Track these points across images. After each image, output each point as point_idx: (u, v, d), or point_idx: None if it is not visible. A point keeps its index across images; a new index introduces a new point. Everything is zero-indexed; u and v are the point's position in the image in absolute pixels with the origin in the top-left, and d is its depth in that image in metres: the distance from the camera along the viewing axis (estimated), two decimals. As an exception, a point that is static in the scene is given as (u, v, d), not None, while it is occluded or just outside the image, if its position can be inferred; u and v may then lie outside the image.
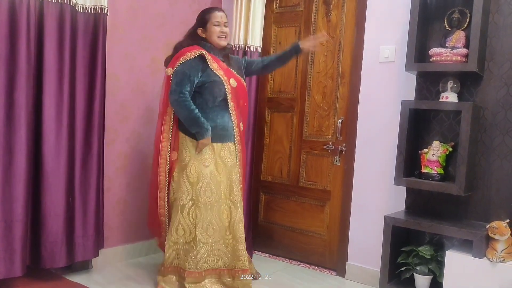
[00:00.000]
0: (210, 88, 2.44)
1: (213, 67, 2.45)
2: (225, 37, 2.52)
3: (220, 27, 2.50)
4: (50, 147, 2.46)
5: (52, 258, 2.48)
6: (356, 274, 2.88)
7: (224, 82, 2.46)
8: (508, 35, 2.35)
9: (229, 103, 2.49)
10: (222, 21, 2.50)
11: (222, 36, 2.50)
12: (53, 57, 2.45)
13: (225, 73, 2.50)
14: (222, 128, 2.49)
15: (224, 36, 2.51)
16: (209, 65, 2.44)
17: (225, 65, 2.54)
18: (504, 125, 2.37)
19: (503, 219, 2.22)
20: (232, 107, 2.51)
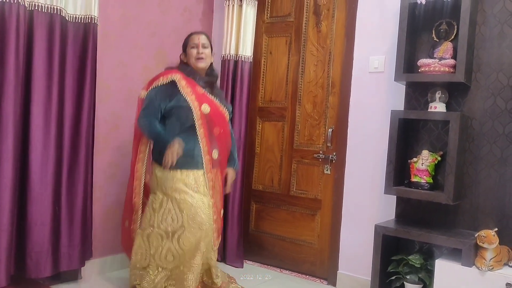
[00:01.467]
0: (176, 114, 2.38)
1: (184, 92, 2.37)
2: (202, 59, 2.45)
3: (196, 49, 2.45)
4: (37, 155, 2.43)
5: (37, 268, 2.44)
6: (347, 283, 2.88)
7: (193, 108, 2.36)
8: (494, 47, 2.40)
9: (198, 129, 2.38)
10: (199, 42, 2.45)
11: (198, 57, 2.45)
12: (42, 66, 2.44)
13: (198, 98, 2.39)
14: (186, 154, 2.35)
15: (201, 57, 2.45)
16: (180, 90, 2.37)
17: (201, 91, 2.44)
18: (491, 135, 2.40)
19: (492, 227, 2.24)
20: (201, 134, 2.38)
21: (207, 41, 2.51)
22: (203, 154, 2.40)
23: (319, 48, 3.11)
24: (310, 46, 3.15)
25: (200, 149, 2.39)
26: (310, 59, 3.15)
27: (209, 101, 2.45)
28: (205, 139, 2.40)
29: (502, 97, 2.38)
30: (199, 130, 2.39)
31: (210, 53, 2.51)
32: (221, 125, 2.49)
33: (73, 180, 2.60)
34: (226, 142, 2.55)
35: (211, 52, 2.54)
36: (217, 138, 2.47)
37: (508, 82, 2.36)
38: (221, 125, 2.49)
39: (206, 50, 2.48)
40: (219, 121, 2.48)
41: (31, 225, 2.43)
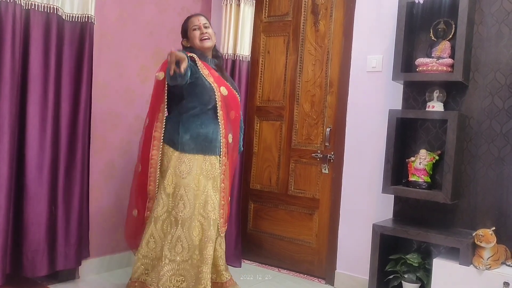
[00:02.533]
0: (199, 94, 2.30)
1: (203, 73, 2.32)
2: (207, 38, 2.38)
3: (199, 30, 2.39)
4: (33, 155, 2.42)
5: (33, 267, 2.44)
6: (345, 282, 2.88)
7: (215, 89, 2.32)
8: (492, 46, 2.40)
9: (218, 111, 2.34)
10: (200, 23, 2.40)
11: (203, 37, 2.37)
12: (38, 65, 2.43)
13: (216, 81, 2.35)
14: (204, 139, 2.33)
15: (206, 37, 2.38)
16: (200, 69, 2.32)
17: (216, 73, 2.42)
18: (489, 134, 2.40)
19: (489, 226, 2.24)
20: (221, 117, 2.35)
21: (207, 21, 2.46)
22: (221, 137, 2.38)
23: (317, 48, 3.11)
24: (308, 46, 3.15)
25: (219, 133, 2.37)
26: (308, 59, 3.15)
27: (225, 84, 2.43)
28: (224, 122, 2.39)
29: (500, 97, 2.38)
30: (219, 112, 2.36)
31: (212, 32, 2.45)
32: (236, 109, 2.50)
33: (70, 180, 2.59)
34: (238, 126, 2.56)
35: None
36: (232, 122, 2.47)
37: (505, 82, 2.36)
38: (236, 109, 2.50)
39: (209, 29, 2.43)
40: (234, 104, 2.47)
41: (27, 224, 2.42)
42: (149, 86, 3.10)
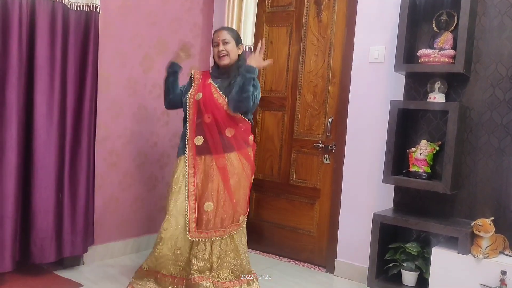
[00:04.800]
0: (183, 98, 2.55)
1: (194, 84, 2.52)
2: (224, 55, 2.47)
3: (217, 47, 2.48)
4: (40, 144, 2.46)
5: (41, 253, 2.49)
6: (345, 270, 2.93)
7: (189, 95, 2.48)
8: (494, 37, 2.41)
9: (188, 115, 2.48)
10: (219, 40, 2.48)
11: (220, 54, 2.48)
12: (44, 55, 2.46)
13: (199, 88, 2.48)
14: (181, 141, 2.51)
15: (222, 55, 2.47)
16: (193, 82, 2.54)
17: (209, 80, 2.49)
18: (489, 125, 2.43)
19: (488, 216, 2.28)
20: (189, 120, 2.46)
21: (229, 36, 2.49)
22: (187, 141, 2.45)
23: (320, 38, 3.12)
24: (311, 36, 3.16)
25: (185, 135, 2.47)
26: (310, 49, 3.17)
27: (206, 89, 2.46)
28: (190, 126, 2.45)
29: (501, 88, 2.40)
30: (188, 117, 2.47)
31: (233, 47, 2.49)
32: (212, 112, 2.42)
33: (76, 168, 2.63)
34: (218, 130, 2.42)
35: (237, 45, 2.51)
36: (206, 125, 2.42)
37: (507, 73, 2.38)
38: (212, 112, 2.42)
39: (228, 45, 2.47)
40: (209, 108, 2.42)
41: (35, 212, 2.47)
42: (151, 75, 3.14)
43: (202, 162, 2.43)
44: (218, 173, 2.43)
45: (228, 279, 2.46)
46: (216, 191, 2.42)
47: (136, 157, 3.08)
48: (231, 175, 2.43)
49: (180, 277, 2.43)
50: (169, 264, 2.40)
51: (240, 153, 2.47)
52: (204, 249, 2.39)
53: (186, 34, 3.36)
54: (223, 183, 2.43)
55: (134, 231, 3.12)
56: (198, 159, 2.43)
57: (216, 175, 2.42)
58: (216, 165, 2.42)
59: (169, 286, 2.40)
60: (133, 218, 3.10)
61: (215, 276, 2.43)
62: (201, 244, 2.40)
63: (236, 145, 2.46)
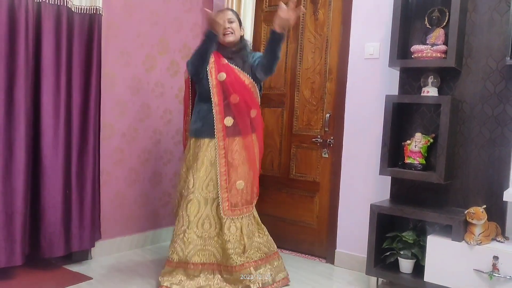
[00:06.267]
0: (199, 84, 2.57)
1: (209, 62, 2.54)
2: (229, 33, 2.53)
3: (223, 24, 2.51)
4: (48, 142, 2.55)
5: (50, 248, 2.58)
6: (345, 260, 3.03)
7: (210, 76, 2.50)
8: (484, 33, 2.50)
9: (212, 97, 2.49)
10: (225, 18, 2.53)
11: (225, 32, 2.53)
12: (50, 56, 2.55)
13: (217, 68, 2.51)
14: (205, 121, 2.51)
15: (228, 32, 2.53)
16: None
17: (224, 61, 2.54)
18: (481, 117, 2.51)
19: (480, 204, 2.36)
20: (215, 102, 2.48)
21: (233, 16, 2.59)
22: (216, 122, 2.48)
23: (317, 36, 3.21)
24: (308, 34, 3.25)
25: (213, 118, 2.48)
26: (307, 47, 3.25)
27: (228, 69, 2.51)
28: (219, 107, 2.48)
29: (491, 81, 2.48)
30: (213, 97, 2.49)
31: (237, 26, 2.58)
32: (239, 93, 2.50)
33: (82, 165, 2.72)
34: (246, 110, 2.53)
35: (240, 26, 2.61)
36: (234, 106, 2.50)
37: (497, 67, 2.46)
38: (239, 93, 2.50)
39: (233, 24, 2.56)
40: (236, 88, 2.49)
41: (44, 207, 2.56)
42: (154, 74, 3.23)
43: (232, 142, 2.50)
44: (245, 152, 2.54)
45: (258, 257, 2.55)
46: (243, 170, 2.53)
47: (140, 154, 3.17)
48: (255, 154, 2.58)
49: (210, 263, 2.45)
50: (198, 250, 2.42)
51: (257, 134, 2.64)
52: (236, 230, 2.46)
53: (187, 34, 3.44)
54: (247, 161, 2.55)
55: (140, 226, 3.21)
56: (228, 139, 2.49)
57: (243, 153, 2.52)
58: (243, 144, 2.53)
59: (200, 274, 2.42)
60: (138, 213, 3.19)
61: (249, 257, 2.48)
62: (232, 227, 2.46)
63: (257, 126, 2.62)
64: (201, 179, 2.47)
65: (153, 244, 3.29)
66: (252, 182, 2.60)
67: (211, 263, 2.45)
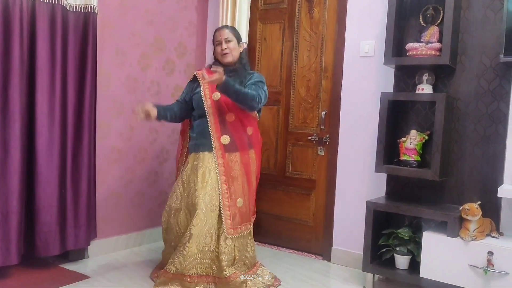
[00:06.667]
0: (194, 103, 2.59)
1: (202, 83, 2.55)
2: (227, 53, 2.55)
3: (220, 45, 2.55)
4: (43, 141, 2.55)
5: (46, 247, 2.58)
6: (341, 257, 3.04)
7: (203, 96, 2.51)
8: (478, 30, 2.52)
9: (208, 116, 2.51)
10: (221, 38, 2.55)
11: (223, 53, 2.55)
12: (45, 55, 2.53)
13: (211, 88, 2.52)
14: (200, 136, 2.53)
15: (226, 53, 2.55)
16: (200, 83, 2.57)
17: None
18: (475, 115, 2.54)
19: (475, 201, 2.38)
20: (211, 121, 2.50)
21: (231, 34, 2.58)
22: (213, 140, 2.49)
23: (312, 34, 3.22)
24: (303, 32, 3.26)
25: (211, 135, 2.49)
26: (303, 45, 3.26)
27: None
28: (215, 126, 2.49)
29: (485, 79, 2.50)
30: (209, 117, 2.50)
31: (235, 45, 2.58)
32: (234, 111, 2.51)
33: (77, 164, 2.71)
34: (242, 128, 2.56)
35: (238, 43, 2.60)
36: (230, 124, 2.52)
37: (491, 64, 2.49)
38: (234, 111, 2.51)
39: (230, 43, 2.56)
40: (231, 107, 2.50)
41: (39, 207, 2.55)
42: (149, 73, 3.22)
43: (230, 159, 2.50)
44: (243, 169, 2.54)
45: (244, 271, 2.55)
46: (241, 187, 2.53)
47: (136, 153, 3.16)
48: (251, 171, 2.58)
49: (206, 275, 2.43)
50: (196, 263, 2.39)
51: (255, 150, 2.64)
52: (231, 243, 2.46)
53: (182, 33, 3.44)
54: (246, 178, 2.56)
55: (136, 226, 3.21)
56: (227, 156, 2.49)
57: (241, 171, 2.53)
58: (240, 161, 2.53)
59: (196, 286, 2.39)
60: (134, 212, 3.19)
61: (237, 269, 2.46)
62: (229, 239, 2.44)
63: (254, 142, 2.62)
64: (203, 190, 2.44)
65: (149, 243, 3.29)
66: (250, 200, 2.60)
67: (207, 276, 2.43)
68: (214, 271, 2.43)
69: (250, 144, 2.61)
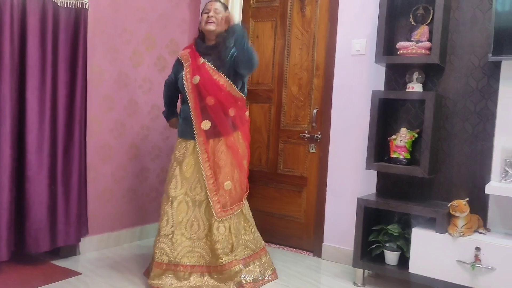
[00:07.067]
0: (178, 84, 2.56)
1: (185, 66, 2.50)
2: (211, 22, 2.44)
3: (207, 13, 2.46)
4: (33, 138, 2.54)
5: (36, 243, 2.57)
6: (332, 254, 3.08)
7: (184, 80, 2.46)
8: (467, 30, 2.56)
9: (189, 101, 2.45)
10: (211, 8, 2.47)
11: (208, 20, 2.45)
12: (35, 51, 2.52)
13: (192, 71, 2.45)
14: (187, 123, 2.49)
15: (210, 21, 2.44)
16: (183, 64, 2.52)
17: (200, 61, 2.46)
18: (463, 113, 2.58)
19: (463, 198, 2.43)
20: (192, 106, 2.45)
21: (221, 8, 2.51)
22: (195, 127, 2.45)
23: (304, 32, 3.24)
24: (295, 30, 3.28)
25: (192, 121, 2.46)
26: (295, 43, 3.28)
27: (202, 71, 2.44)
28: (195, 111, 2.45)
29: (474, 78, 2.55)
30: (190, 102, 2.46)
31: (223, 18, 2.46)
32: (213, 94, 2.43)
33: (68, 161, 2.71)
34: (223, 111, 2.47)
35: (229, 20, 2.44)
36: (211, 108, 2.44)
37: (479, 63, 2.53)
38: (213, 94, 2.43)
39: (219, 15, 2.47)
40: (211, 90, 2.43)
41: (29, 203, 2.54)
42: (141, 70, 3.22)
43: (214, 144, 2.47)
44: (229, 152, 2.50)
45: (246, 255, 2.55)
46: (229, 170, 2.50)
47: (128, 149, 3.16)
48: (240, 154, 2.54)
49: (200, 265, 2.43)
50: (187, 252, 2.41)
51: (242, 132, 2.59)
52: (225, 230, 2.45)
53: (174, 30, 3.44)
54: (234, 160, 2.52)
55: (128, 222, 3.21)
56: (212, 141, 2.46)
57: (227, 153, 2.49)
58: (226, 144, 2.49)
59: (190, 277, 2.40)
60: (126, 209, 3.19)
61: (237, 255, 2.47)
62: (221, 227, 2.44)
63: (239, 123, 2.56)
64: (188, 180, 2.47)
65: (141, 239, 3.29)
66: (240, 181, 2.57)
67: (201, 266, 2.44)
68: (207, 260, 2.44)
69: (234, 126, 2.53)
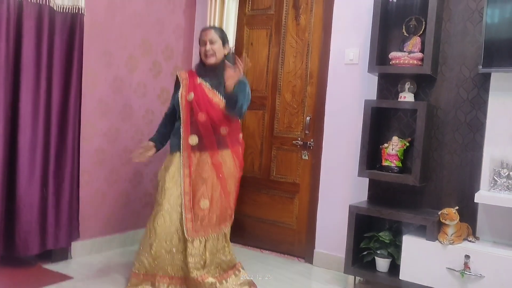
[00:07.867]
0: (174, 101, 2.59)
1: (182, 84, 2.54)
2: (211, 55, 2.50)
3: (204, 46, 2.51)
4: (25, 140, 2.53)
5: (25, 246, 2.55)
6: (323, 260, 3.10)
7: (180, 96, 2.50)
8: (458, 42, 2.61)
9: (181, 116, 2.50)
10: (206, 39, 2.51)
11: (207, 54, 2.51)
12: (31, 55, 2.52)
13: (189, 88, 2.51)
14: (174, 137, 2.54)
15: (209, 54, 2.50)
16: (181, 84, 2.56)
17: (198, 81, 2.52)
18: (454, 123, 2.63)
19: (453, 206, 2.47)
20: (183, 120, 2.49)
21: (216, 36, 2.52)
22: (182, 140, 2.47)
23: (298, 40, 3.28)
24: (290, 38, 3.31)
25: (181, 135, 2.48)
26: (289, 51, 3.32)
27: (198, 89, 2.49)
28: (185, 125, 2.47)
29: (465, 88, 2.60)
30: (182, 117, 2.49)
31: (220, 47, 2.52)
32: (206, 111, 2.46)
33: (60, 164, 2.69)
34: (212, 128, 2.48)
35: (224, 45, 2.55)
36: (201, 124, 2.46)
37: (470, 75, 2.58)
38: (206, 111, 2.46)
39: (215, 45, 2.51)
40: (202, 106, 2.46)
41: (20, 206, 2.53)
42: (136, 75, 3.23)
43: (197, 159, 2.46)
44: (213, 170, 2.48)
45: (218, 274, 2.52)
46: (211, 188, 2.47)
47: (121, 154, 3.16)
48: (224, 172, 2.50)
49: (178, 277, 2.42)
50: (166, 264, 2.40)
51: (233, 151, 2.56)
52: (199, 245, 2.42)
53: (169, 35, 3.46)
54: (217, 180, 2.49)
55: (120, 226, 3.20)
56: (193, 156, 2.46)
57: (210, 171, 2.47)
58: (211, 162, 2.47)
59: (168, 287, 2.40)
60: (119, 213, 3.18)
61: (208, 272, 2.44)
62: (196, 241, 2.42)
63: (230, 143, 2.55)
64: (170, 191, 2.44)
65: (133, 244, 3.27)
66: (221, 204, 2.50)
67: (179, 277, 2.43)
68: (185, 272, 2.43)
69: (224, 144, 2.52)
